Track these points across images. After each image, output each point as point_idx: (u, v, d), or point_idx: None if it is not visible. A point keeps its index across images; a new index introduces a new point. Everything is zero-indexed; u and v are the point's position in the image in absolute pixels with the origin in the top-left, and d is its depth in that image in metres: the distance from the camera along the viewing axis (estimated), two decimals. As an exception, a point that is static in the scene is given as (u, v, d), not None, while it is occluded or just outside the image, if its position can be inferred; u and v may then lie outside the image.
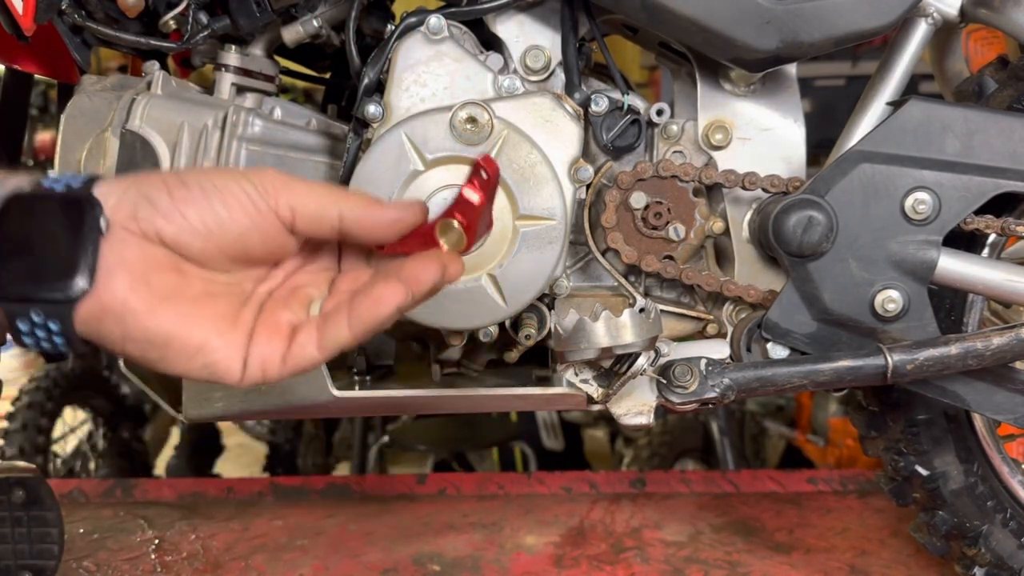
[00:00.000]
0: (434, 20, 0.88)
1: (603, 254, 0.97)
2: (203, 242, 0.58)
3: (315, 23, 0.96)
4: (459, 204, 0.64)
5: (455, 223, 0.64)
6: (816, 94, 2.92)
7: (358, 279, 0.63)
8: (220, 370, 0.58)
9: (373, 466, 2.62)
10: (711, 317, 0.98)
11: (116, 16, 0.94)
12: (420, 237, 0.63)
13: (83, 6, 0.93)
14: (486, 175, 0.64)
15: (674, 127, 0.97)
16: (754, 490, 1.50)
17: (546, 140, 0.88)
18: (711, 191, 0.98)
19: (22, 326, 0.55)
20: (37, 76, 1.11)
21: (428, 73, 0.89)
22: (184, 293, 0.58)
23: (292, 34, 0.97)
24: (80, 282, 0.55)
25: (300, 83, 1.45)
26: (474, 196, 0.64)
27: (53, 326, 0.55)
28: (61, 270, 0.55)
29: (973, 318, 0.99)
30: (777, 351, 0.93)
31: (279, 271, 0.64)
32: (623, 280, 0.97)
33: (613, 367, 0.89)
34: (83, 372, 2.50)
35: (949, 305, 0.99)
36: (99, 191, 0.57)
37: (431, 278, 0.59)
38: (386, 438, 2.62)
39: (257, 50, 1.00)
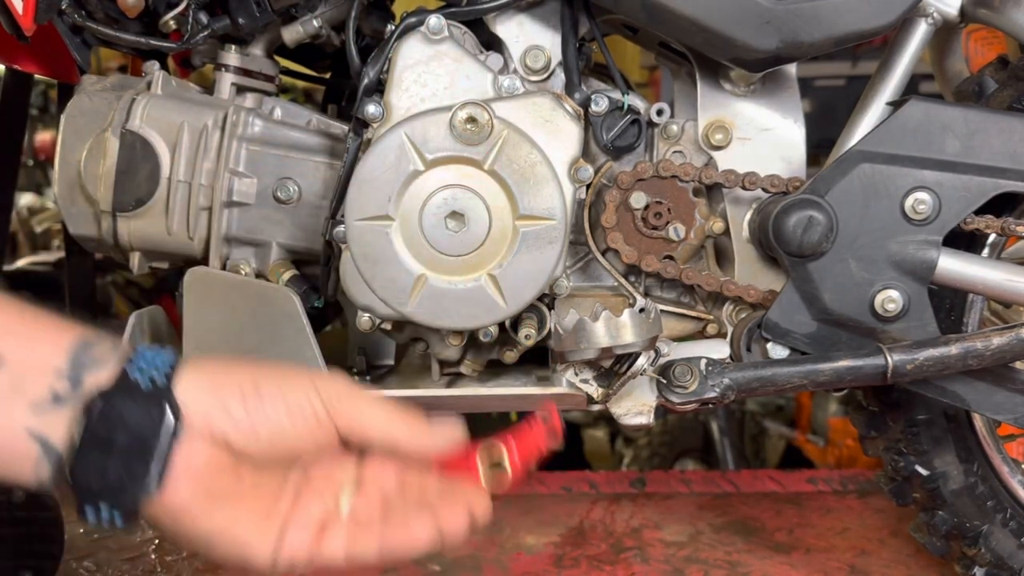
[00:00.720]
0: (434, 20, 0.88)
1: (603, 254, 0.97)
2: (265, 449, 0.63)
3: (315, 23, 0.96)
4: (519, 439, 0.65)
5: (505, 460, 0.65)
6: (816, 94, 2.92)
7: (384, 467, 0.67)
8: (254, 563, 0.62)
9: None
10: (711, 317, 0.98)
11: (116, 16, 0.94)
12: (461, 459, 0.65)
13: (83, 6, 0.93)
14: (548, 425, 0.66)
15: (674, 127, 0.97)
16: (754, 490, 1.50)
17: (546, 140, 0.88)
18: (711, 191, 0.98)
19: (90, 515, 0.60)
20: (37, 76, 1.11)
21: (428, 73, 0.89)
22: (236, 493, 0.62)
23: (292, 34, 0.97)
24: (151, 487, 0.59)
25: (300, 83, 1.45)
26: (536, 444, 0.65)
27: (117, 517, 0.60)
28: (135, 474, 0.59)
29: (973, 318, 0.99)
30: (777, 351, 0.93)
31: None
32: (623, 280, 0.97)
33: (613, 367, 0.89)
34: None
35: (949, 305, 0.99)
36: (180, 387, 0.61)
37: (460, 528, 0.63)
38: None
39: (257, 50, 1.00)
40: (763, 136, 0.96)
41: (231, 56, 0.98)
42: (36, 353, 0.60)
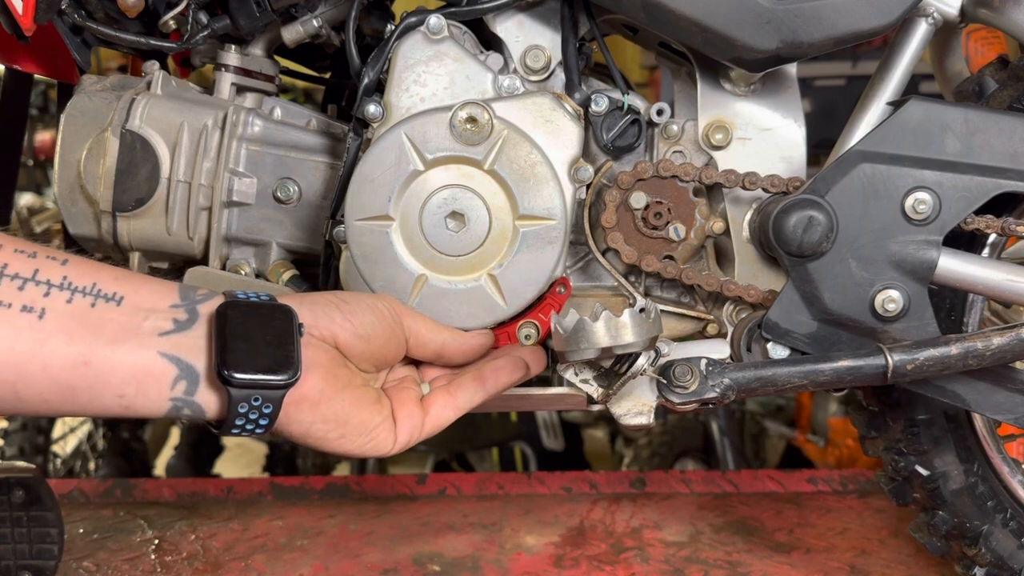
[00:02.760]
0: (434, 20, 0.88)
1: (603, 254, 0.97)
2: (363, 345, 0.74)
3: (315, 23, 0.96)
4: (536, 316, 0.90)
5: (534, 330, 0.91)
6: (816, 94, 2.92)
7: (434, 373, 0.84)
8: (380, 444, 0.74)
9: (373, 466, 2.62)
10: (711, 317, 0.98)
11: (116, 16, 0.94)
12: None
13: (83, 6, 0.93)
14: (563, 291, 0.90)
15: (674, 127, 0.97)
16: (754, 490, 1.50)
17: (546, 140, 0.88)
18: (711, 191, 0.98)
19: (241, 409, 0.65)
20: (37, 76, 1.11)
21: (428, 73, 0.89)
22: (353, 383, 0.73)
23: (292, 34, 0.97)
24: (296, 372, 0.67)
25: (300, 83, 1.45)
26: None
27: (266, 409, 0.66)
28: (279, 361, 0.66)
29: (973, 318, 0.99)
30: (777, 351, 0.93)
31: (386, 372, 0.82)
32: (623, 280, 0.97)
33: (613, 367, 0.89)
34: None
35: (949, 305, 0.99)
36: (286, 303, 0.71)
37: (539, 361, 0.87)
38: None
39: (257, 50, 1.00)
40: (763, 136, 0.96)
41: (231, 56, 0.98)
42: (150, 294, 0.66)
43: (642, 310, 0.82)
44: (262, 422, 0.67)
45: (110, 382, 0.62)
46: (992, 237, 0.96)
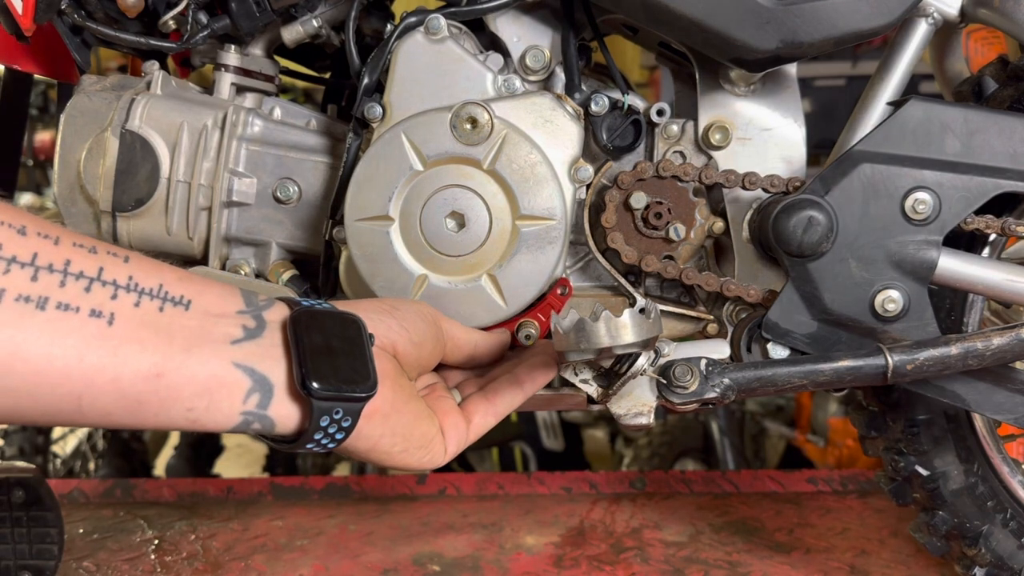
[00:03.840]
0: (434, 20, 0.88)
1: (603, 254, 0.97)
2: (416, 352, 0.73)
3: (315, 23, 0.96)
4: (535, 316, 0.92)
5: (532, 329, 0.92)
6: (816, 94, 2.93)
7: (457, 377, 0.84)
8: (435, 457, 0.72)
9: (373, 466, 2.62)
10: (711, 317, 0.98)
11: (116, 16, 0.94)
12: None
13: (83, 6, 0.93)
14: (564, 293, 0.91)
15: (674, 127, 0.97)
16: (754, 490, 1.50)
17: (546, 140, 0.88)
18: (711, 191, 0.98)
19: (323, 423, 0.62)
20: (37, 76, 1.11)
21: (428, 73, 0.89)
22: (413, 395, 0.72)
23: (292, 34, 0.97)
24: (373, 382, 0.64)
25: (300, 83, 1.45)
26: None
27: (345, 423, 0.63)
28: (358, 373, 0.64)
29: (973, 318, 0.99)
30: (777, 351, 0.93)
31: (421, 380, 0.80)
32: (623, 280, 0.97)
33: (613, 367, 0.89)
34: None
35: (949, 305, 0.99)
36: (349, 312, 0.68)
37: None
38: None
39: (257, 50, 1.00)
40: (763, 136, 0.96)
41: (231, 56, 0.98)
42: (216, 298, 0.61)
43: (642, 310, 0.82)
44: (338, 436, 0.63)
45: (182, 395, 0.57)
46: (992, 237, 0.96)
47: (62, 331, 0.52)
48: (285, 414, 0.62)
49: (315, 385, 0.60)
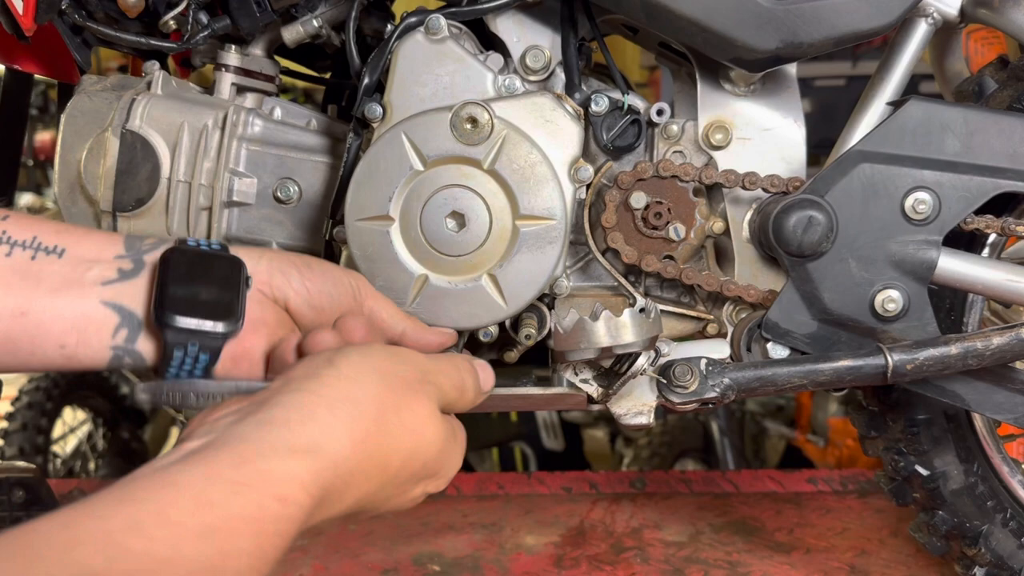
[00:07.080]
0: (434, 20, 0.88)
1: (603, 254, 0.97)
2: (313, 316, 0.70)
3: (315, 23, 0.96)
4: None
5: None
6: (816, 94, 2.93)
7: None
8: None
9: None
10: (711, 317, 0.98)
11: (116, 16, 0.94)
12: None
13: (83, 6, 0.93)
14: None
15: (674, 127, 0.97)
16: (754, 490, 1.50)
17: (546, 140, 0.88)
18: (711, 191, 0.98)
19: (177, 354, 0.63)
20: (37, 76, 1.11)
21: (428, 73, 0.89)
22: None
23: (292, 34, 0.97)
24: (237, 322, 0.64)
25: (300, 83, 1.45)
26: None
27: (202, 358, 0.63)
28: (220, 310, 0.63)
29: (973, 318, 0.99)
30: (777, 351, 0.93)
31: None
32: (623, 280, 0.97)
33: (613, 367, 0.89)
34: (82, 372, 2.49)
35: (949, 305, 0.99)
36: (237, 254, 0.67)
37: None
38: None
39: (257, 50, 1.00)
40: (763, 136, 0.96)
41: (231, 56, 0.98)
42: (92, 245, 0.65)
43: (642, 310, 0.83)
44: (197, 374, 0.64)
45: (51, 332, 0.62)
46: (992, 237, 0.96)
47: None
48: (149, 348, 0.64)
49: (166, 317, 0.62)
